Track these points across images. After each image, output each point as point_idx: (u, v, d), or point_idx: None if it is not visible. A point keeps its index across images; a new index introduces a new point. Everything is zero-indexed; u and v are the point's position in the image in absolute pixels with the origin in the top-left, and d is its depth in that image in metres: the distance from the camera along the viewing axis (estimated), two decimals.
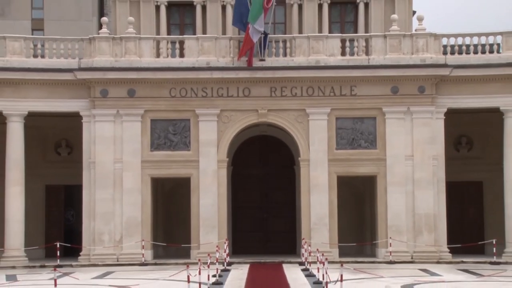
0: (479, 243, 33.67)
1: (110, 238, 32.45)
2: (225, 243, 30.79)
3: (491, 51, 33.31)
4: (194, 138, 32.86)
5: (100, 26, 35.07)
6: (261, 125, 33.84)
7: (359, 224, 35.47)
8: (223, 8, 36.62)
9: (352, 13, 37.58)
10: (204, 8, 36.61)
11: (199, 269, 19.93)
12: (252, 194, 36.75)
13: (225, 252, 29.36)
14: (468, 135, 36.00)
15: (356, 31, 36.55)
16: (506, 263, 30.30)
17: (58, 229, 36.05)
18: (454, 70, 32.43)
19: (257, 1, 31.31)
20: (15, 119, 32.53)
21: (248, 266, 29.68)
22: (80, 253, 32.47)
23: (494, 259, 31.34)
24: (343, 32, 36.31)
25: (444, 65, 32.62)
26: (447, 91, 32.77)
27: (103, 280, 26.02)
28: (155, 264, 31.75)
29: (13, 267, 31.08)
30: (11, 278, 27.64)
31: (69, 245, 33.31)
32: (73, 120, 33.28)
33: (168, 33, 36.47)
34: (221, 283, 23.20)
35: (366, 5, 36.65)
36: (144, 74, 32.71)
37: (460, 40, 33.77)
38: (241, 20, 32.37)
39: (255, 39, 31.72)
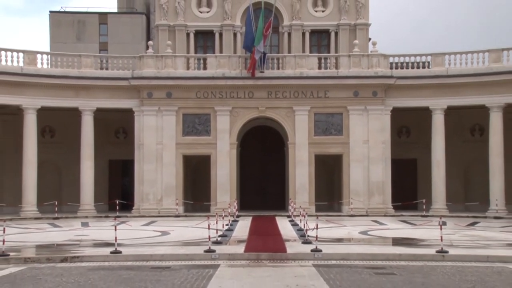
0: (413, 202, 33.76)
1: (154, 197, 32.59)
2: (235, 202, 31.05)
3: (423, 67, 33.47)
4: (213, 127, 32.88)
5: (147, 47, 34.96)
6: (261, 118, 33.74)
7: (330, 188, 35.50)
8: (234, 35, 36.63)
9: (326, 39, 37.47)
10: (221, 35, 36.60)
11: (217, 219, 20.06)
12: (254, 167, 36.75)
13: (235, 208, 29.55)
14: (407, 126, 36.09)
15: (328, 51, 36.45)
16: (432, 216, 30.39)
17: (117, 190, 36.04)
18: (397, 80, 32.48)
19: (260, 30, 31.41)
20: (87, 113, 32.64)
21: (251, 218, 29.72)
22: (133, 208, 32.67)
23: (424, 213, 31.54)
24: (319, 52, 36.25)
25: (391, 77, 32.63)
26: (392, 95, 32.76)
27: (149, 227, 26.31)
28: (185, 216, 31.80)
29: (86, 217, 31.37)
30: (84, 224, 28.10)
31: (125, 202, 33.39)
32: (128, 114, 33.27)
33: (195, 52, 36.38)
34: (232, 230, 23.37)
35: (336, 34, 36.61)
36: (178, 82, 32.69)
37: (402, 59, 34.03)
38: (249, 44, 32.50)
39: (257, 57, 31.76)
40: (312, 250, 16.02)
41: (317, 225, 17.12)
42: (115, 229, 17.27)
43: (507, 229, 24.96)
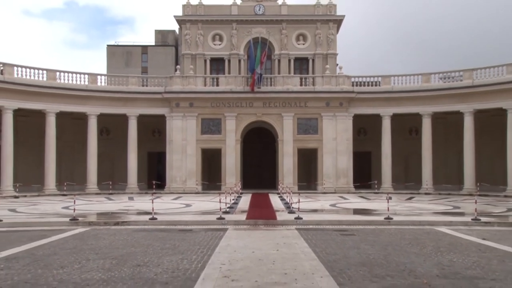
0: (368, 182, 33.92)
1: (180, 179, 32.60)
2: (239, 182, 31.04)
3: (375, 85, 33.48)
4: (223, 128, 32.84)
5: (175, 70, 35.02)
6: (258, 121, 33.65)
7: (308, 173, 35.47)
8: (239, 61, 36.62)
9: (306, 64, 37.47)
10: (229, 61, 36.62)
11: (226, 196, 20.14)
12: (253, 157, 36.75)
13: (239, 187, 29.53)
14: (364, 128, 36.02)
15: (307, 73, 36.43)
16: (381, 192, 30.51)
17: (154, 174, 36.10)
18: (357, 94, 32.50)
19: (258, 57, 31.51)
20: (133, 118, 32.67)
21: (250, 194, 29.69)
22: (165, 187, 32.70)
23: (376, 191, 31.70)
24: (301, 74, 36.22)
25: (352, 92, 32.63)
26: (354, 105, 32.79)
27: (177, 200, 26.27)
28: (203, 193, 31.83)
29: (131, 193, 31.48)
30: (130, 198, 28.04)
31: (159, 182, 33.38)
32: (161, 118, 33.26)
33: (210, 74, 36.37)
34: (237, 203, 23.29)
35: (313, 60, 36.67)
36: (198, 95, 32.64)
37: (361, 79, 33.99)
38: (251, 68, 32.54)
39: (256, 77, 31.78)
40: (295, 218, 16.06)
41: (299, 200, 17.27)
42: (152, 202, 17.43)
43: (434, 202, 25.05)
